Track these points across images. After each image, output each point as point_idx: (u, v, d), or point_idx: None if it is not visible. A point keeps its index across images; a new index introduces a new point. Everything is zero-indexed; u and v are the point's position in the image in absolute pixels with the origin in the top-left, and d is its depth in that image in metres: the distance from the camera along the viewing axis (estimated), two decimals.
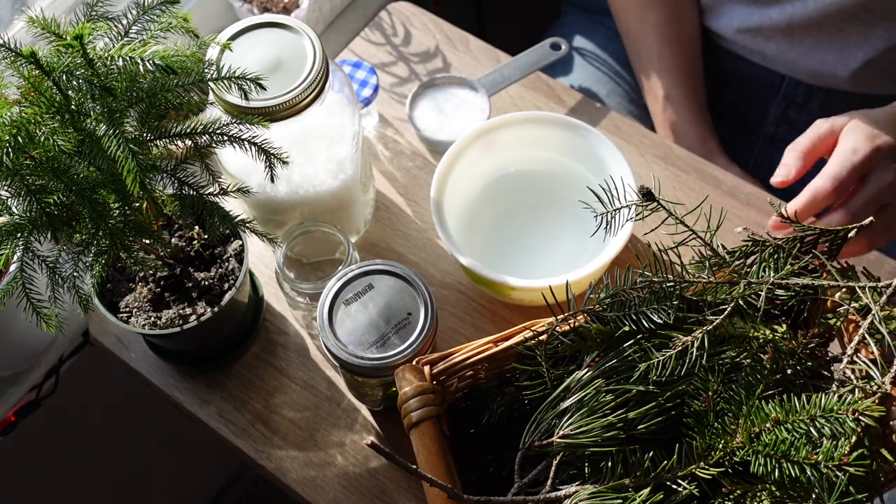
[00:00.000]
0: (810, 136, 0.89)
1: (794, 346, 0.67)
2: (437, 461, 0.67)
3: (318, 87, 0.79)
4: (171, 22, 0.69)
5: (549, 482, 0.66)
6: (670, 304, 0.67)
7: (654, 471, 0.65)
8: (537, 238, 0.98)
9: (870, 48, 1.03)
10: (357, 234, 0.99)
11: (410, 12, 1.14)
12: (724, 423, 0.63)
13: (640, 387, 0.66)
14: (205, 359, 0.93)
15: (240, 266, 0.85)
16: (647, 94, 1.16)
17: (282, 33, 0.80)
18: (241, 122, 0.72)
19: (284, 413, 0.91)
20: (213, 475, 1.67)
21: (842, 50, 1.05)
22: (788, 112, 1.18)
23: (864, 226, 0.71)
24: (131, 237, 0.71)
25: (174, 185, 0.73)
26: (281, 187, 0.87)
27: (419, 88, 1.05)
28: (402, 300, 0.80)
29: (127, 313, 0.83)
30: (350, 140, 0.87)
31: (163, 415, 1.18)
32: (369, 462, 0.89)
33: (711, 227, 0.72)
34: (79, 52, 0.61)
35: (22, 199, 0.65)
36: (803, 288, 0.68)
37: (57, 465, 1.30)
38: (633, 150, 1.04)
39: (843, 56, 1.06)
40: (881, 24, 1.00)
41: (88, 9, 0.68)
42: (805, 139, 0.89)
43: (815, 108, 1.16)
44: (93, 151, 0.64)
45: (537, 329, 0.71)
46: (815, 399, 0.61)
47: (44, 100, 0.63)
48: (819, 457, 0.58)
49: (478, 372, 0.75)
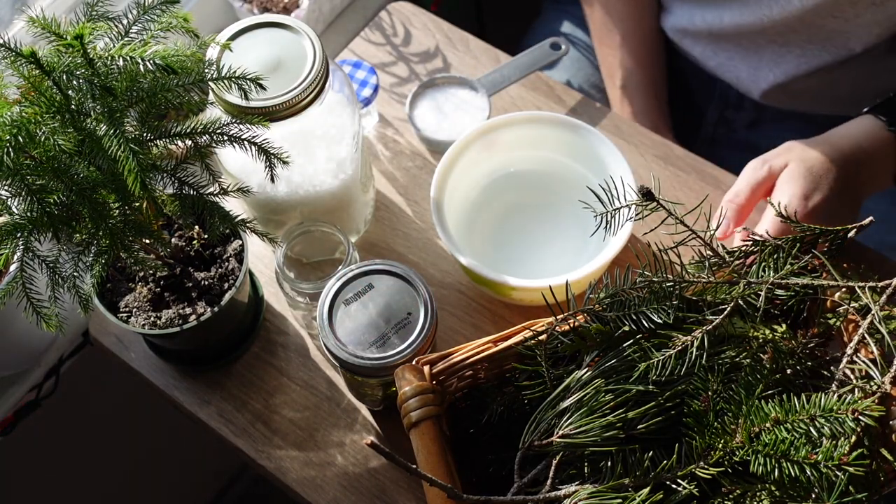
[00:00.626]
0: (749, 183, 0.88)
1: (793, 345, 0.67)
2: (437, 461, 0.67)
3: (318, 87, 0.79)
4: (171, 22, 0.69)
5: (549, 482, 0.66)
6: (670, 304, 0.67)
7: (654, 470, 0.65)
8: (537, 238, 0.98)
9: (780, 72, 1.04)
10: (357, 233, 0.99)
11: (410, 12, 1.14)
12: (723, 423, 0.63)
13: (640, 386, 0.66)
14: (205, 359, 0.93)
15: (240, 266, 0.85)
16: (606, 80, 1.18)
17: (282, 33, 0.80)
18: (241, 122, 0.72)
19: (284, 413, 0.91)
20: (213, 475, 1.67)
21: (756, 67, 1.06)
22: (725, 113, 1.19)
23: (865, 226, 0.71)
24: (131, 237, 0.71)
25: (174, 185, 0.73)
26: (281, 187, 0.87)
27: (419, 88, 1.05)
28: (402, 300, 0.80)
29: (127, 313, 0.83)
30: (350, 140, 0.87)
31: (163, 415, 1.18)
32: (369, 462, 0.89)
33: (711, 227, 0.72)
34: (79, 51, 0.61)
35: (22, 199, 0.65)
36: (803, 288, 0.68)
37: (57, 465, 1.30)
38: (633, 150, 1.04)
39: (756, 74, 1.07)
40: (794, 50, 1.01)
41: (89, 9, 0.68)
42: (744, 189, 0.87)
43: (750, 107, 1.17)
44: (93, 151, 0.64)
45: (537, 329, 0.71)
46: (814, 399, 0.61)
47: (44, 99, 0.63)
48: (819, 456, 0.58)
49: (477, 372, 0.75)
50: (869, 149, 0.90)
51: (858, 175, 0.90)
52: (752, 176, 0.88)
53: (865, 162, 0.90)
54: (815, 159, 0.88)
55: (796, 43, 1.00)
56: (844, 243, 0.71)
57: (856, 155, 0.90)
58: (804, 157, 0.88)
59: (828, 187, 0.86)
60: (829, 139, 0.91)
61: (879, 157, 0.91)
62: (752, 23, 1.02)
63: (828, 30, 0.98)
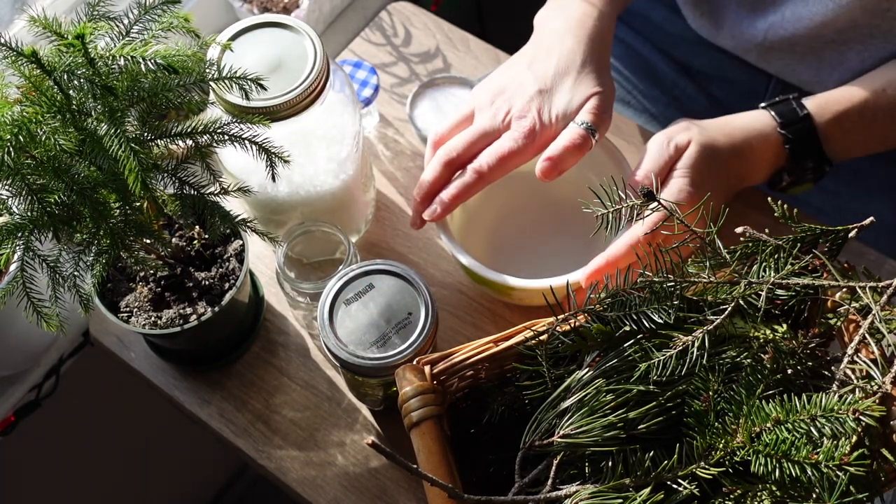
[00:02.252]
0: (659, 164, 0.87)
1: (794, 345, 0.67)
2: (438, 461, 0.67)
3: (318, 87, 0.79)
4: (172, 22, 0.69)
5: (550, 482, 0.66)
6: (671, 304, 0.67)
7: (655, 470, 0.65)
8: (538, 238, 0.98)
9: (845, 70, 1.03)
10: (357, 233, 0.99)
11: (411, 12, 1.14)
12: (724, 423, 0.63)
13: (641, 386, 0.66)
14: (205, 359, 0.93)
15: (240, 266, 0.85)
16: None
17: (282, 33, 0.81)
18: (241, 122, 0.72)
19: (285, 413, 0.91)
20: (213, 475, 1.67)
21: (817, 70, 1.05)
22: None
23: (865, 226, 0.71)
24: (132, 237, 0.71)
25: (175, 185, 0.73)
26: (282, 187, 0.87)
27: (419, 88, 1.05)
28: (403, 300, 0.80)
29: (127, 313, 0.83)
30: (351, 140, 0.87)
31: (163, 415, 1.18)
32: (370, 462, 0.89)
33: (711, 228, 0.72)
34: (80, 51, 0.61)
35: (23, 199, 0.65)
36: (804, 288, 0.68)
37: (57, 465, 1.30)
38: (633, 150, 1.04)
39: (819, 76, 1.06)
40: (855, 47, 1.00)
41: (90, 8, 0.68)
42: (655, 170, 0.87)
43: None
44: (94, 151, 0.64)
45: (538, 329, 0.71)
46: (815, 399, 0.61)
47: (45, 99, 0.63)
48: (820, 457, 0.58)
49: (478, 372, 0.75)
50: (757, 147, 0.92)
51: (739, 169, 0.91)
52: (661, 155, 0.88)
53: (750, 158, 0.92)
54: (712, 150, 0.89)
55: (857, 39, 0.99)
56: (845, 243, 0.71)
57: (744, 151, 0.91)
58: (704, 144, 0.88)
59: (717, 181, 0.88)
60: (724, 129, 0.91)
61: (763, 156, 0.92)
62: (813, 15, 0.99)
63: (891, 18, 0.97)
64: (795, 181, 0.95)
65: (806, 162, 0.93)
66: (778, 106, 0.93)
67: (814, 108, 0.92)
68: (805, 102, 0.93)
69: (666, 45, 1.19)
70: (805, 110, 0.92)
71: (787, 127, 0.92)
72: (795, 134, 0.91)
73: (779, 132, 0.92)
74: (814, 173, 0.94)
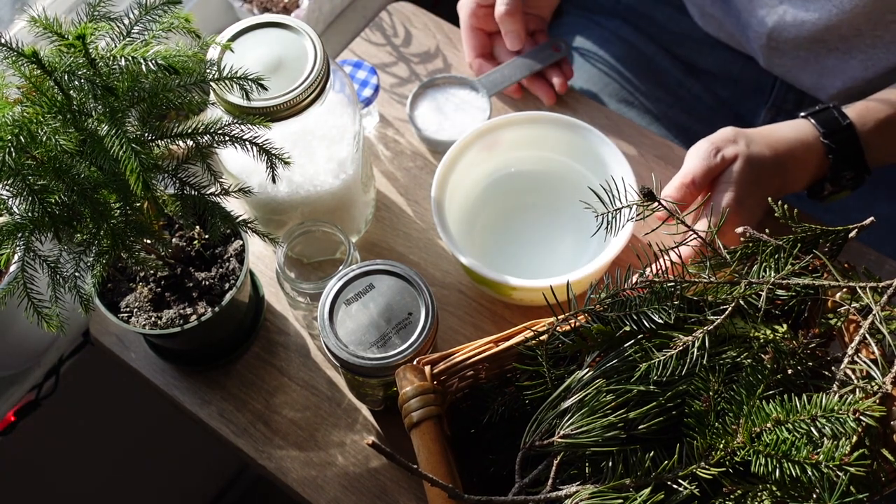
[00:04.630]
0: (704, 172, 0.87)
1: (794, 346, 0.67)
2: (438, 461, 0.67)
3: (318, 87, 0.79)
4: (172, 22, 0.69)
5: (550, 482, 0.66)
6: (671, 304, 0.67)
7: (655, 471, 0.65)
8: (538, 238, 0.98)
9: (847, 77, 1.03)
10: (358, 233, 0.99)
11: (411, 12, 1.14)
12: (724, 423, 0.63)
13: (641, 387, 0.66)
14: (205, 359, 0.93)
15: (240, 266, 0.85)
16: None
17: (282, 33, 0.81)
18: (242, 122, 0.72)
19: (285, 413, 0.91)
20: (213, 475, 1.67)
21: (819, 76, 1.05)
22: (777, 119, 1.17)
23: (865, 226, 0.71)
24: (132, 237, 0.71)
25: (175, 185, 0.73)
26: (282, 187, 0.87)
27: (420, 88, 1.05)
28: (403, 300, 0.80)
29: (127, 313, 0.83)
30: (351, 140, 0.87)
31: (163, 415, 1.18)
32: (370, 462, 0.89)
33: (711, 228, 0.72)
34: (80, 51, 0.61)
35: (23, 199, 0.65)
36: (804, 288, 0.68)
37: (57, 465, 1.30)
38: (633, 150, 1.04)
39: (822, 82, 1.06)
40: (857, 56, 1.00)
41: (90, 9, 0.68)
42: (701, 176, 0.87)
43: None
44: (94, 151, 0.64)
45: (538, 329, 0.71)
46: (815, 399, 0.61)
47: (45, 99, 0.63)
48: (820, 457, 0.58)
49: (478, 372, 0.75)
50: (800, 158, 0.91)
51: (783, 179, 0.91)
52: (708, 163, 0.88)
53: (792, 168, 0.91)
54: (758, 164, 0.88)
55: (859, 48, 0.99)
56: (846, 243, 0.72)
57: (787, 162, 0.90)
58: (751, 159, 0.88)
59: (760, 194, 0.87)
60: (768, 141, 0.91)
61: (805, 165, 0.92)
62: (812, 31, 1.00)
63: (895, 29, 0.97)
64: (834, 190, 0.94)
65: (846, 171, 0.92)
66: (819, 115, 0.92)
67: (855, 116, 0.92)
68: (846, 111, 0.92)
69: (671, 45, 1.19)
70: (847, 119, 0.91)
71: (829, 136, 0.91)
72: (838, 143, 0.91)
73: (822, 141, 0.91)
74: (853, 181, 0.93)
